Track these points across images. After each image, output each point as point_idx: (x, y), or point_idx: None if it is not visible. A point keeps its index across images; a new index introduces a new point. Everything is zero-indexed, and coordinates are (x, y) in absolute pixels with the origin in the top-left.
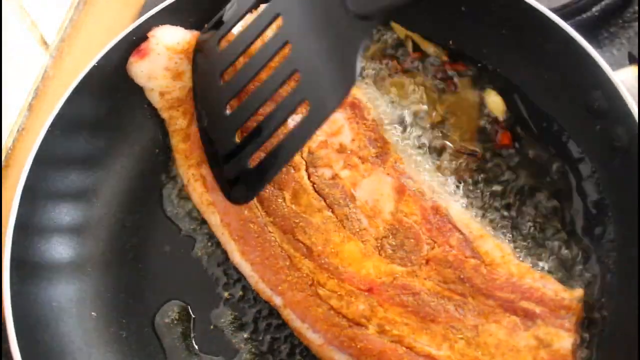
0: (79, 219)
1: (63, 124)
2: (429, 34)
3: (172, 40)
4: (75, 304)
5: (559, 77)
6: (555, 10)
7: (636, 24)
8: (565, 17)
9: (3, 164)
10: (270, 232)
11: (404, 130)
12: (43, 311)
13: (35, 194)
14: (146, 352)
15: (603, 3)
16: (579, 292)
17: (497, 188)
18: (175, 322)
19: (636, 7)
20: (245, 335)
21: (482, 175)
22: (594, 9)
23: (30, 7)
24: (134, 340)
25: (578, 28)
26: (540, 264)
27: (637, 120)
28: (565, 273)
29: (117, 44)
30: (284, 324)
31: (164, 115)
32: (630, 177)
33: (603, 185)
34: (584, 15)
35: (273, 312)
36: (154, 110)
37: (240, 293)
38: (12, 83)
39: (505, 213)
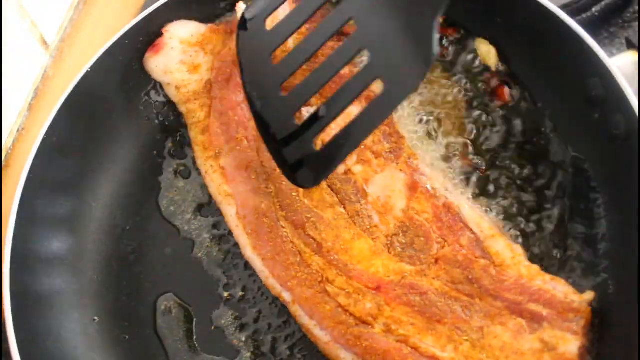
0: (79, 225)
1: (60, 128)
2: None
3: (185, 33)
4: (76, 309)
5: (554, 66)
6: None
7: (636, 24)
8: None
9: (3, 164)
10: (282, 227)
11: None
12: (44, 316)
13: (34, 202)
14: (149, 355)
15: (603, 3)
16: (589, 294)
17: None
18: (177, 323)
19: (636, 7)
20: (246, 336)
21: (491, 177)
22: (594, 9)
23: (30, 7)
24: (136, 343)
25: None
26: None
27: (636, 108)
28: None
29: (113, 45)
30: (284, 324)
31: (182, 108)
32: (630, 166)
33: (600, 176)
34: (584, 15)
35: (273, 312)
36: (151, 113)
37: (241, 293)
38: (12, 83)
39: (514, 215)
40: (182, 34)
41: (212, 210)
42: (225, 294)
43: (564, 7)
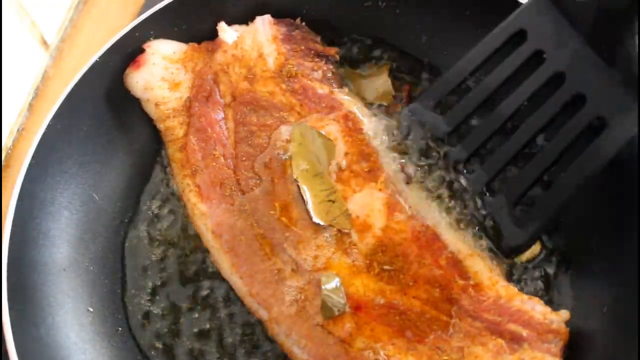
0: (77, 214)
1: (63, 120)
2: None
3: (168, 50)
4: (71, 299)
5: None
6: None
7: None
8: None
9: (3, 164)
10: (260, 245)
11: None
12: (39, 305)
13: (34, 189)
14: (142, 348)
15: None
16: (565, 313)
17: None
18: (171, 322)
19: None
20: (238, 333)
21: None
22: None
23: (30, 7)
24: (130, 336)
25: None
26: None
27: (637, 130)
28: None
29: (118, 41)
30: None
31: (160, 126)
32: (630, 189)
33: (596, 198)
34: None
35: None
36: None
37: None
38: (12, 83)
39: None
40: (164, 50)
41: None
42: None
43: None
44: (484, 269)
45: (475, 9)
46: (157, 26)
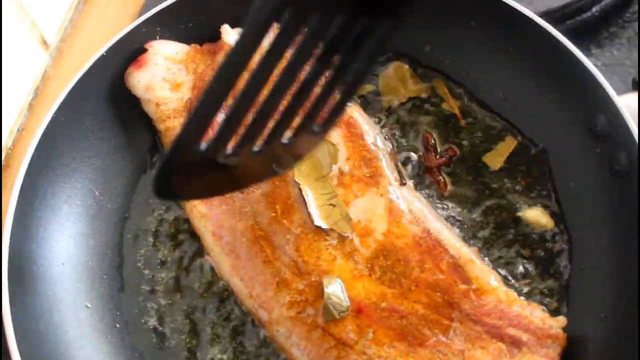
0: (77, 209)
1: (65, 116)
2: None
3: (170, 50)
4: (70, 294)
5: (560, 99)
6: (555, 10)
7: (636, 24)
8: (565, 18)
9: (3, 163)
10: (261, 247)
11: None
12: (39, 299)
13: (35, 184)
14: (140, 345)
15: (603, 3)
16: (563, 319)
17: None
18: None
19: (636, 7)
20: (239, 331)
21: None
22: (593, 9)
23: (30, 7)
24: (128, 332)
25: (578, 28)
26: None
27: (638, 145)
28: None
29: (118, 41)
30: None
31: (160, 126)
32: (630, 201)
33: (597, 209)
34: (584, 15)
35: None
36: None
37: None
38: (12, 83)
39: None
40: (166, 50)
41: None
42: (221, 288)
43: (563, 7)
44: (484, 275)
45: (479, 19)
46: (157, 26)
